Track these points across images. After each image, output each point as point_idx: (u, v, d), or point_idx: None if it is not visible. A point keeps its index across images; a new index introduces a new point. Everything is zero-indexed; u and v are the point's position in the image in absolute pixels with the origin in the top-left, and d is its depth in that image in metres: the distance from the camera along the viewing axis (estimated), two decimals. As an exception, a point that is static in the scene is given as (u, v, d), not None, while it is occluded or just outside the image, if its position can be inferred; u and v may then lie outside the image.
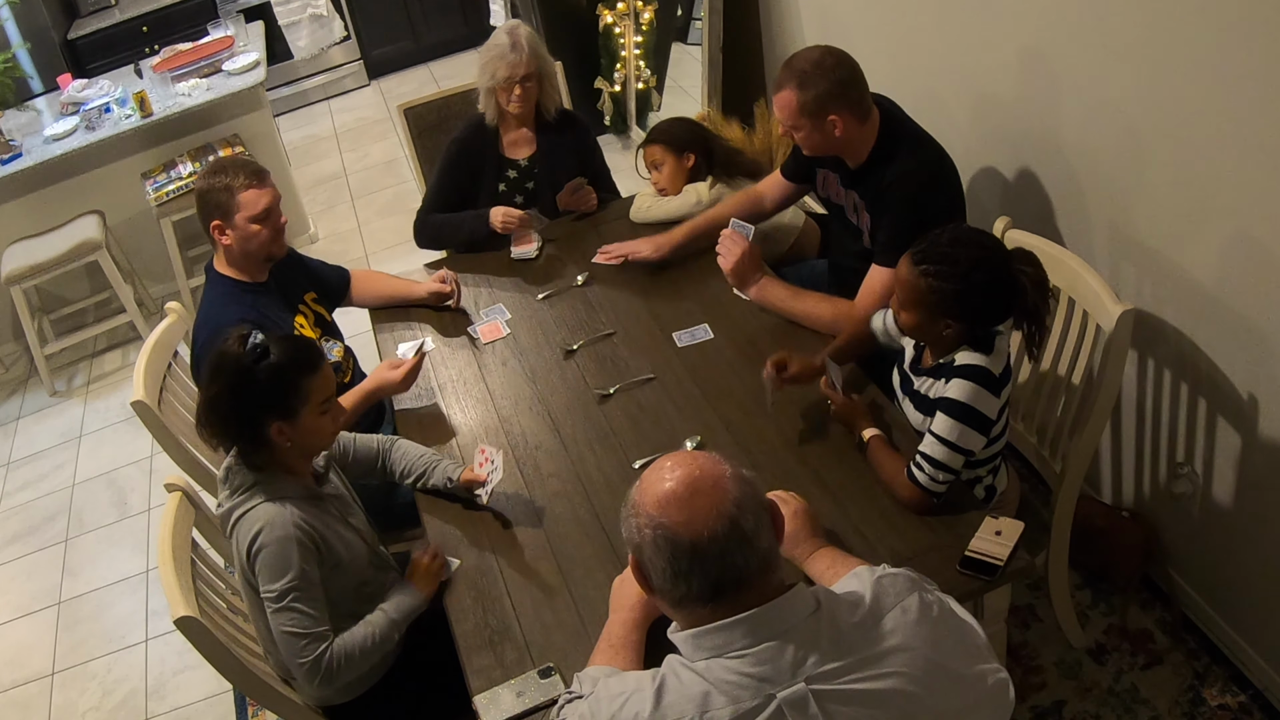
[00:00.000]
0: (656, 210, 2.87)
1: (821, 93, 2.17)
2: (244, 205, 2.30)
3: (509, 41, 2.79)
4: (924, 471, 1.83)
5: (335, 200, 5.34)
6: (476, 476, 2.06)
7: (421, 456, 2.15)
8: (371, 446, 2.17)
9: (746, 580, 1.21)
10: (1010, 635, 2.42)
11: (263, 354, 1.78)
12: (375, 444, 2.18)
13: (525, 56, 2.79)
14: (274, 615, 1.80)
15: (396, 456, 2.17)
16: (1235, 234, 1.97)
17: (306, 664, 1.80)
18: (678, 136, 2.87)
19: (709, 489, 1.22)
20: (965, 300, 1.81)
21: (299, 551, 1.78)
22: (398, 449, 2.18)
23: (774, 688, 1.19)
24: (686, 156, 2.85)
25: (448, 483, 2.09)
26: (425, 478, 2.13)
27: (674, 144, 2.86)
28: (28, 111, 4.61)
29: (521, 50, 2.78)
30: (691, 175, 2.87)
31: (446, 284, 2.71)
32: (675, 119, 2.98)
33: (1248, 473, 2.16)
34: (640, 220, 2.91)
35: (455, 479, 2.08)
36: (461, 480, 2.07)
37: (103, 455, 3.95)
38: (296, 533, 1.79)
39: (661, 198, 2.90)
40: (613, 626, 1.66)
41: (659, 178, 2.89)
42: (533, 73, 2.82)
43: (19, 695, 3.06)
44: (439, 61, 6.59)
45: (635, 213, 2.92)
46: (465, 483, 2.07)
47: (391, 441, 2.19)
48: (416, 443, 2.21)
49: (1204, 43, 1.88)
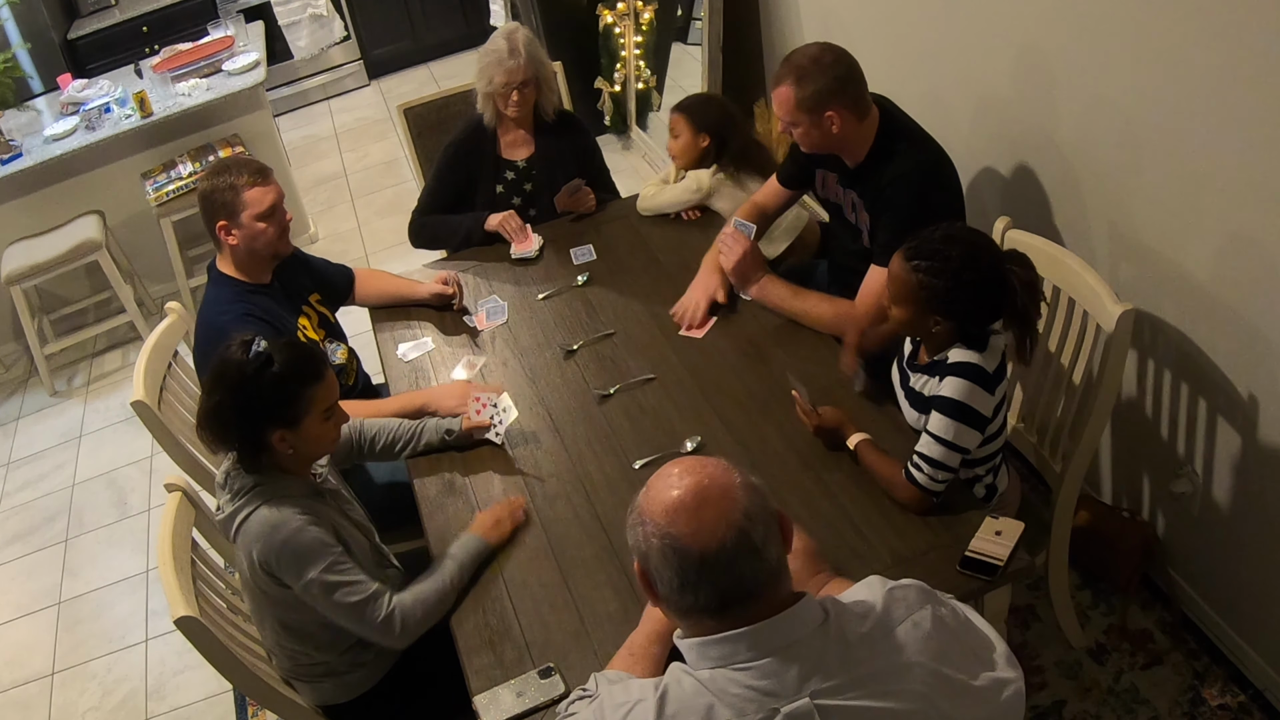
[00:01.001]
0: (660, 199, 2.92)
1: (820, 89, 2.17)
2: (249, 204, 2.29)
3: (506, 47, 2.79)
4: (922, 471, 1.83)
5: (335, 200, 5.34)
6: (479, 422, 2.06)
7: (401, 424, 2.14)
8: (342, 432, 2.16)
9: (755, 592, 1.19)
10: (1010, 635, 2.42)
11: (266, 362, 1.77)
12: (345, 429, 2.16)
13: (523, 62, 2.79)
14: (324, 599, 1.79)
15: (373, 434, 2.16)
16: (1235, 234, 1.97)
17: (380, 624, 1.81)
18: (701, 116, 2.88)
19: (718, 498, 1.19)
20: (954, 297, 1.82)
21: (316, 532, 1.79)
22: (370, 426, 2.17)
23: (779, 702, 1.17)
24: (702, 136, 2.87)
25: (446, 437, 2.08)
26: (415, 441, 2.13)
27: (695, 121, 2.87)
28: (28, 111, 4.61)
29: (519, 56, 2.78)
30: (703, 156, 2.89)
31: (449, 286, 2.71)
32: (710, 98, 3.00)
33: (1248, 473, 2.16)
34: (646, 211, 2.94)
35: (456, 430, 2.08)
36: (464, 429, 2.07)
37: (103, 455, 3.95)
38: (304, 518, 1.79)
39: (664, 187, 2.94)
40: (637, 635, 1.64)
41: (673, 145, 2.93)
42: (530, 78, 2.83)
43: (19, 695, 3.06)
44: (439, 61, 6.59)
45: (641, 203, 2.97)
46: (468, 430, 2.07)
47: (359, 423, 2.18)
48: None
49: (1204, 42, 1.88)
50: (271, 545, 1.77)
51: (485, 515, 2.00)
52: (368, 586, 1.81)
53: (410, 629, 1.84)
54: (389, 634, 1.83)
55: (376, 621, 1.81)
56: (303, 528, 1.78)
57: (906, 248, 1.86)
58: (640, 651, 1.61)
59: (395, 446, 2.14)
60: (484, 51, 2.86)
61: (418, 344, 2.63)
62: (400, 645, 1.87)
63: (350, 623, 1.83)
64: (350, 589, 1.80)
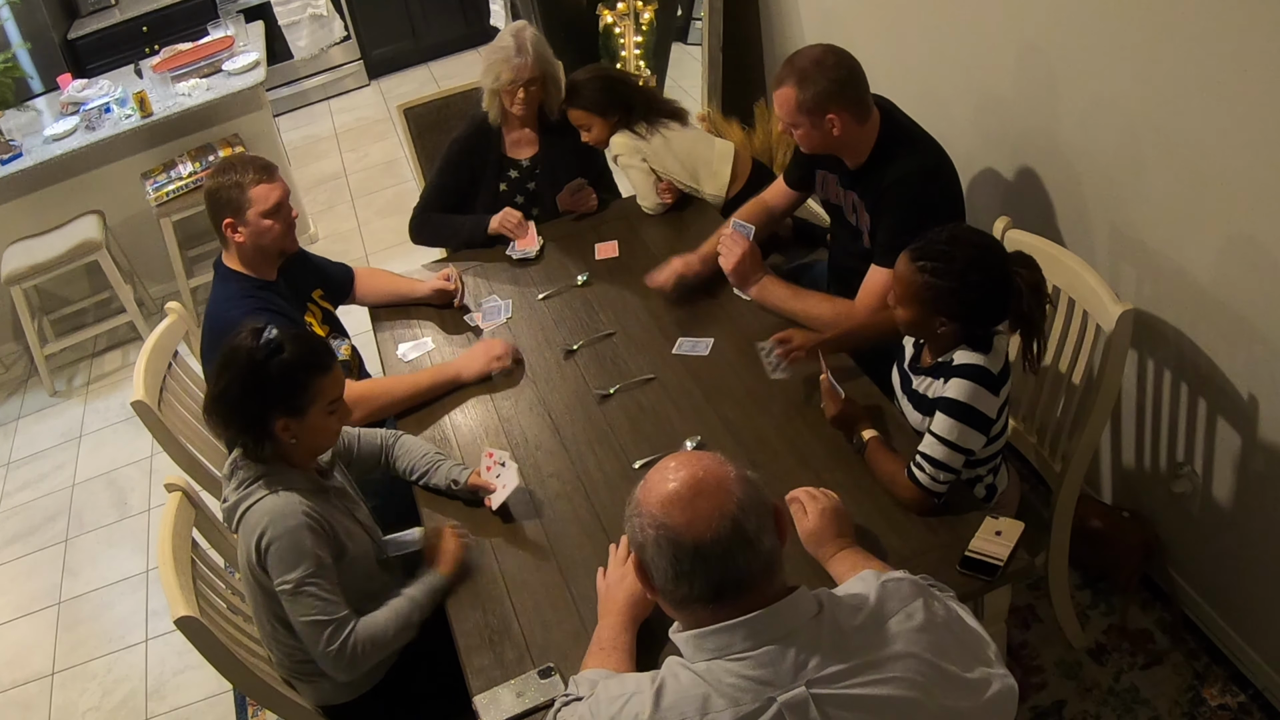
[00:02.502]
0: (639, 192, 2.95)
1: (820, 91, 2.17)
2: (256, 200, 2.30)
3: (514, 45, 2.79)
4: (924, 472, 1.83)
5: (335, 200, 5.34)
6: (484, 482, 2.05)
7: (425, 455, 2.15)
8: (375, 442, 2.18)
9: (748, 582, 1.21)
10: (1010, 635, 2.42)
11: (276, 349, 1.78)
12: (379, 439, 2.18)
13: (530, 60, 2.79)
14: (292, 605, 1.80)
15: (400, 453, 2.17)
16: (1235, 234, 1.97)
17: (332, 652, 1.80)
18: (598, 102, 2.88)
19: (712, 490, 1.21)
20: (960, 298, 1.82)
21: (311, 538, 1.79)
22: (401, 445, 2.18)
23: (774, 691, 1.19)
24: (610, 117, 2.90)
25: (452, 485, 2.09)
26: (428, 476, 2.13)
27: (596, 109, 2.89)
28: (28, 111, 4.61)
29: (527, 54, 2.78)
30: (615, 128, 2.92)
31: (450, 282, 2.71)
32: (590, 78, 2.93)
33: (1248, 473, 2.16)
34: (649, 209, 2.96)
35: (461, 482, 2.07)
36: (468, 484, 2.07)
37: (103, 455, 3.95)
38: (306, 520, 1.79)
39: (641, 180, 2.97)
40: (602, 630, 1.66)
41: (589, 138, 2.94)
42: (537, 76, 2.83)
43: (19, 695, 3.06)
44: (439, 61, 6.59)
45: (643, 204, 2.98)
46: (471, 486, 2.06)
47: (396, 437, 2.20)
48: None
49: (1204, 41, 1.88)
50: (269, 534, 1.77)
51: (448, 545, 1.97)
52: (335, 610, 1.80)
53: (359, 660, 1.83)
54: (339, 660, 1.82)
55: (333, 645, 1.80)
56: (300, 529, 1.78)
57: (912, 249, 1.86)
58: (610, 644, 1.63)
59: (412, 475, 2.16)
60: (491, 49, 2.86)
61: (418, 344, 2.63)
62: (341, 676, 1.87)
63: (306, 639, 1.82)
64: (317, 607, 1.79)
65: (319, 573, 1.79)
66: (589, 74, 2.94)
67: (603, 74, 2.96)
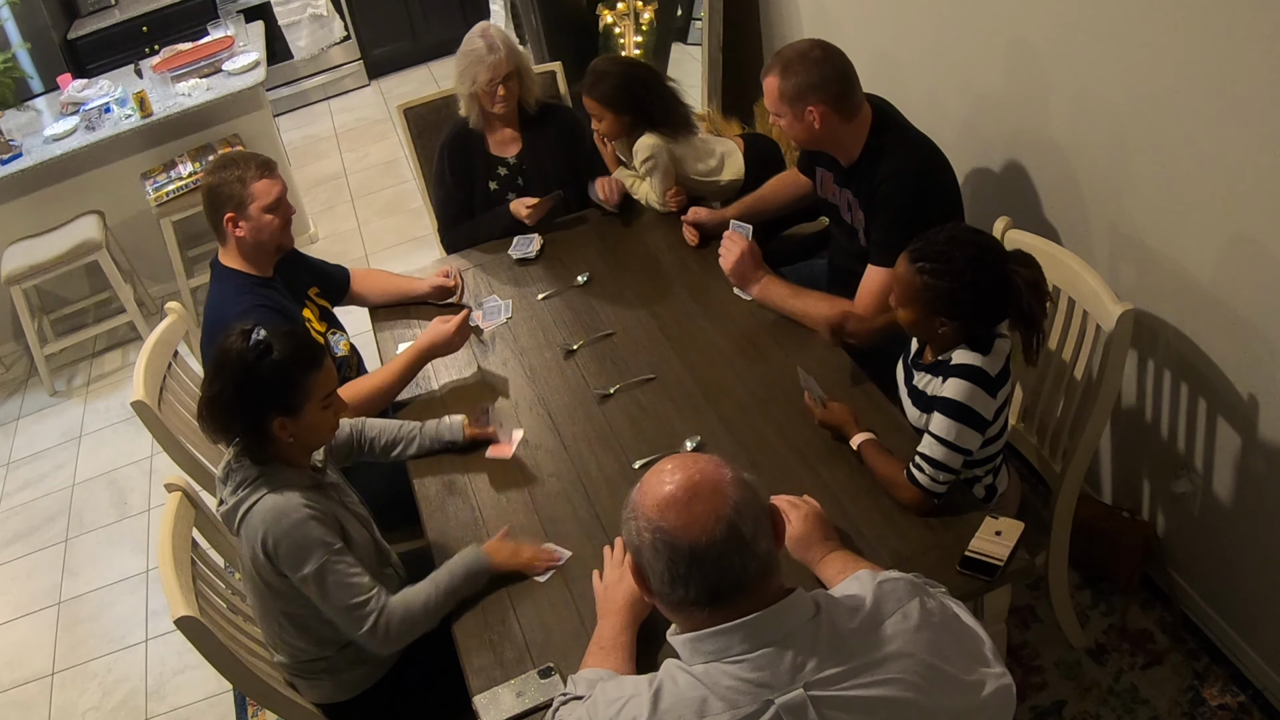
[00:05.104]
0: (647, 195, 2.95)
1: (801, 82, 2.18)
2: (257, 195, 2.31)
3: (484, 44, 2.78)
4: (924, 472, 1.83)
5: (335, 200, 5.34)
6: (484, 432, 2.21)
7: (399, 426, 2.19)
8: (345, 431, 2.18)
9: (745, 585, 1.21)
10: (1010, 635, 2.42)
11: (265, 350, 1.78)
12: (347, 427, 2.19)
13: (504, 55, 2.79)
14: (320, 595, 1.80)
15: (371, 434, 2.20)
16: (1235, 234, 1.97)
17: (369, 627, 1.81)
18: (613, 100, 2.84)
19: (708, 493, 1.21)
20: (960, 299, 1.82)
21: (319, 527, 1.79)
22: (370, 426, 2.21)
23: (772, 693, 1.19)
24: (622, 113, 2.87)
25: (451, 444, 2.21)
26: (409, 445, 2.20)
27: (610, 104, 2.85)
28: (28, 111, 4.61)
29: (499, 50, 2.78)
30: (633, 128, 2.89)
31: (450, 278, 2.71)
32: (613, 73, 2.88)
33: (1248, 473, 2.16)
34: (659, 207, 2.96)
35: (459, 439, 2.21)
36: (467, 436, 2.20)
37: (103, 455, 3.95)
38: (309, 511, 1.79)
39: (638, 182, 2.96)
40: (602, 629, 1.66)
41: (598, 127, 2.92)
42: (513, 70, 2.83)
43: (19, 695, 3.06)
44: (439, 61, 6.58)
45: (647, 200, 2.97)
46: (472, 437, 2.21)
47: (361, 421, 2.22)
48: None
49: (1204, 42, 1.88)
50: (275, 533, 1.77)
51: (510, 543, 1.95)
52: (365, 588, 1.82)
53: (395, 637, 1.84)
54: (374, 638, 1.83)
55: (366, 624, 1.81)
56: (306, 520, 1.78)
57: (911, 249, 1.86)
58: (610, 643, 1.63)
59: (393, 450, 2.18)
60: (462, 54, 2.84)
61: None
62: (384, 652, 1.88)
63: (341, 621, 1.83)
64: (346, 588, 1.80)
65: (336, 554, 1.80)
66: (614, 67, 2.91)
67: (627, 74, 2.90)
